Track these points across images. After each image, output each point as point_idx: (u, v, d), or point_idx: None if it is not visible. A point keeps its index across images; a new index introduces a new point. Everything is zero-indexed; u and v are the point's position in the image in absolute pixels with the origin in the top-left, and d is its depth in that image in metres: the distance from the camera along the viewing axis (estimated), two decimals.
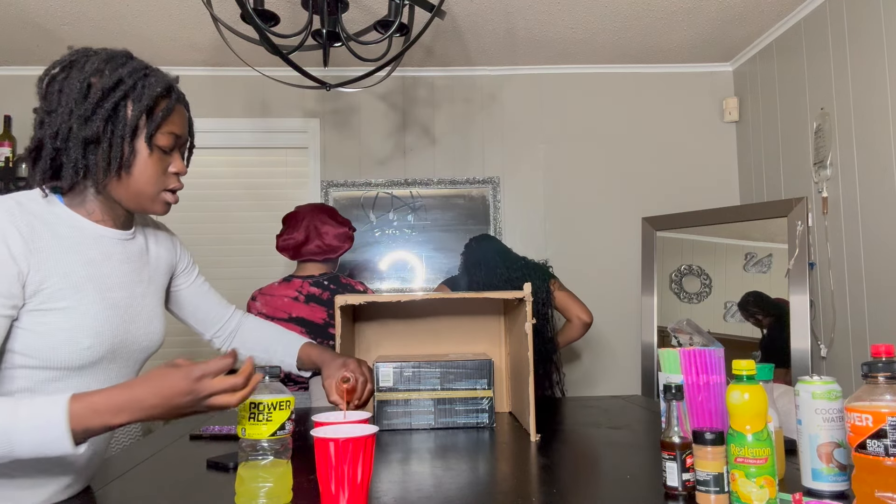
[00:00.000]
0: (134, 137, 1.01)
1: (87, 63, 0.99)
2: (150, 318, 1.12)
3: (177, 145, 1.07)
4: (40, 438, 0.83)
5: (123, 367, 1.08)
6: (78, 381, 1.00)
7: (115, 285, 1.05)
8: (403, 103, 3.38)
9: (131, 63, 1.02)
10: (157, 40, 2.94)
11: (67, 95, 0.97)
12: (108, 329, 1.01)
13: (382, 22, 1.95)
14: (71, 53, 1.02)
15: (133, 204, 1.05)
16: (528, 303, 1.48)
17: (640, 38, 3.03)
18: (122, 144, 0.99)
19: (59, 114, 0.97)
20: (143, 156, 1.02)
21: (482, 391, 1.59)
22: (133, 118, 1.00)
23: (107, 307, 1.01)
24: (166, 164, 1.06)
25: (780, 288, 2.74)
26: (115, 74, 0.99)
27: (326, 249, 2.24)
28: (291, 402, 0.97)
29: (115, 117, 0.99)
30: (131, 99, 1.00)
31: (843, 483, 0.96)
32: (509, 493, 1.04)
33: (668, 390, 0.99)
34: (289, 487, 0.97)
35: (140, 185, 1.03)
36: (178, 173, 1.08)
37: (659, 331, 3.11)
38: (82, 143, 0.98)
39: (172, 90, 1.05)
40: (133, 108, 1.00)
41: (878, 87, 2.31)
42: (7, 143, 3.13)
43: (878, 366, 0.85)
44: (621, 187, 3.37)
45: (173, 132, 1.05)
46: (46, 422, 0.83)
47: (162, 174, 1.05)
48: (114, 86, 0.99)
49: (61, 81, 0.99)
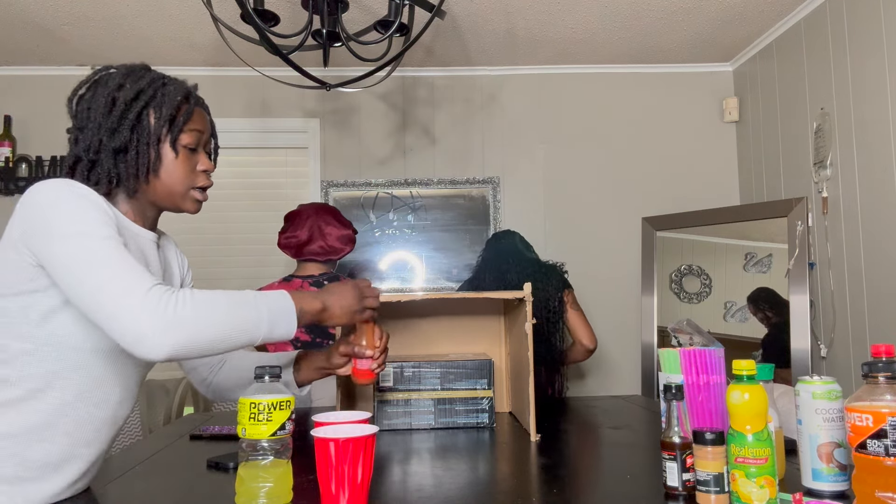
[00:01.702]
0: (159, 142, 1.07)
1: (110, 79, 1.08)
2: None
3: (201, 143, 1.13)
4: (280, 307, 1.02)
5: (133, 365, 1.08)
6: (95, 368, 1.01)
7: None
8: (403, 103, 3.38)
9: (149, 75, 1.10)
10: (157, 40, 2.94)
11: (95, 111, 1.05)
12: None
13: (382, 22, 1.95)
14: (94, 73, 1.10)
15: (168, 203, 1.12)
16: (528, 303, 1.47)
17: (640, 38, 3.03)
18: (148, 150, 1.06)
19: (90, 129, 1.05)
20: (169, 158, 1.09)
21: (482, 391, 1.59)
22: (155, 124, 1.07)
23: None
24: (194, 164, 1.12)
25: (780, 288, 2.74)
26: (135, 86, 1.07)
27: (329, 251, 2.24)
28: (291, 402, 0.97)
29: (139, 126, 1.06)
30: (152, 107, 1.07)
31: (843, 483, 0.96)
32: (509, 493, 1.04)
33: (668, 390, 0.99)
34: (289, 487, 0.97)
35: (170, 185, 1.10)
36: (207, 170, 1.14)
37: (659, 331, 3.11)
38: (112, 153, 1.05)
39: (190, 95, 1.12)
40: (155, 115, 1.07)
41: (878, 87, 2.31)
42: (7, 143, 3.13)
43: (879, 366, 0.85)
44: (621, 187, 3.37)
45: (195, 129, 1.11)
46: (280, 296, 1.03)
47: (190, 173, 1.11)
48: (135, 97, 1.06)
49: (88, 100, 1.07)
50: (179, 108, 1.09)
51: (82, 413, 1.01)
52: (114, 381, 1.05)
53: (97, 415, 1.03)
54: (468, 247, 3.31)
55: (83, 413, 1.01)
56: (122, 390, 1.07)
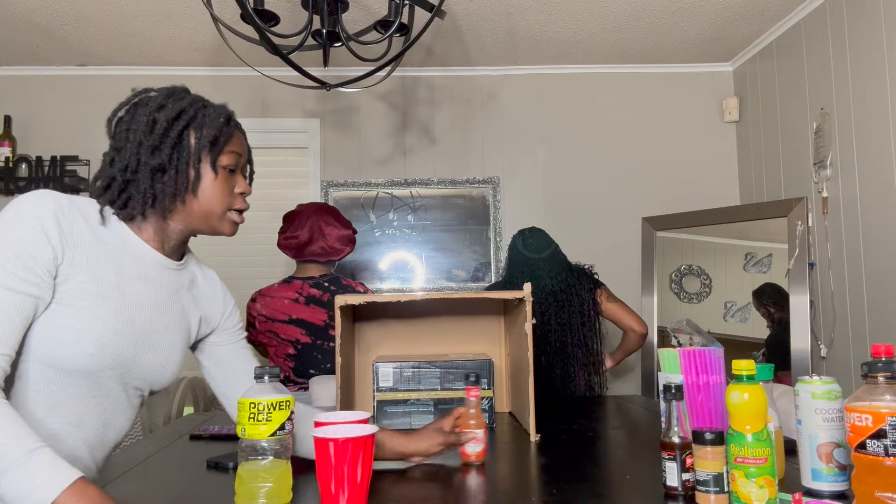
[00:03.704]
0: (199, 162, 1.07)
1: (150, 101, 1.07)
2: (168, 353, 1.10)
3: (239, 165, 1.12)
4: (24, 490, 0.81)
5: (123, 390, 1.06)
6: (76, 388, 0.99)
7: (140, 305, 1.05)
8: (403, 103, 3.38)
9: (190, 96, 1.10)
10: (157, 40, 2.94)
11: (135, 132, 1.04)
12: (116, 344, 1.00)
13: (382, 22, 1.95)
14: (133, 95, 1.09)
15: (204, 225, 1.10)
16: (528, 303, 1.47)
17: (640, 38, 3.03)
18: (188, 169, 1.06)
19: (128, 149, 1.04)
20: (208, 178, 1.08)
21: (482, 391, 1.59)
22: (196, 144, 1.06)
23: (123, 321, 1.01)
24: (231, 185, 1.11)
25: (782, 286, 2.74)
26: (176, 106, 1.06)
27: (329, 251, 2.24)
28: (291, 403, 0.97)
29: (179, 145, 1.05)
30: (193, 127, 1.07)
31: (842, 483, 0.96)
32: (509, 494, 1.04)
33: (667, 390, 0.99)
34: (289, 487, 0.97)
35: (208, 205, 1.08)
36: (244, 193, 1.13)
37: (659, 331, 3.11)
38: (150, 172, 1.04)
39: (231, 118, 1.12)
40: (195, 136, 1.07)
41: (878, 87, 2.31)
42: (7, 143, 3.13)
43: (878, 366, 0.85)
44: (621, 187, 3.37)
45: (235, 151, 1.11)
46: (45, 481, 0.82)
47: (228, 194, 1.10)
48: (177, 116, 1.06)
49: (127, 121, 1.06)
50: (220, 129, 1.08)
51: (58, 430, 0.98)
52: (92, 402, 1.01)
53: (75, 434, 1.00)
54: (468, 247, 3.31)
55: (59, 430, 0.98)
56: (106, 413, 1.04)
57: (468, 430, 1.22)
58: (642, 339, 2.46)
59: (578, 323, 2.34)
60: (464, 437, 1.22)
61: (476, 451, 1.22)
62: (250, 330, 2.25)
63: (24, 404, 0.96)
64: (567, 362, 2.31)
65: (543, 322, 2.31)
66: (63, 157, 3.17)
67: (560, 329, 2.31)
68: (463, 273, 3.29)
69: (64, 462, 0.84)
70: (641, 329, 2.43)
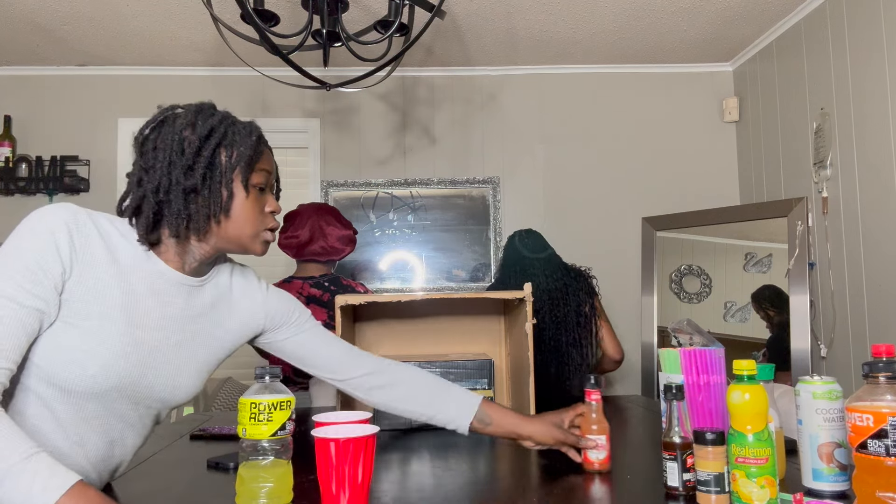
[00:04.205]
0: (231, 182, 1.04)
1: (178, 118, 1.04)
2: (179, 372, 1.08)
3: (269, 184, 1.10)
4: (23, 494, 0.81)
5: (133, 409, 1.05)
6: (80, 407, 0.98)
7: (148, 325, 1.02)
8: (403, 103, 3.38)
9: (219, 113, 1.07)
10: (157, 40, 2.94)
11: (164, 151, 1.01)
12: (120, 365, 0.98)
13: (382, 22, 1.95)
14: (159, 112, 1.06)
15: (235, 246, 1.07)
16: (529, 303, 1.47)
17: (640, 38, 3.03)
18: (221, 189, 1.03)
19: (158, 169, 1.00)
20: (240, 198, 1.05)
21: (482, 391, 1.59)
22: (227, 163, 1.04)
23: (129, 343, 0.99)
24: (263, 204, 1.09)
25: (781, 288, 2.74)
26: (206, 124, 1.03)
27: (330, 251, 2.24)
28: (292, 403, 0.97)
29: (212, 165, 1.03)
30: (224, 146, 1.04)
31: (843, 483, 0.96)
32: (509, 493, 1.04)
33: (668, 390, 0.99)
34: (289, 487, 0.97)
35: (240, 226, 1.05)
36: (275, 212, 1.11)
37: (659, 331, 3.11)
38: (184, 193, 1.01)
39: (261, 135, 1.09)
40: (226, 154, 1.04)
41: (878, 87, 2.31)
42: (7, 143, 3.13)
43: (879, 366, 0.85)
44: (621, 187, 3.37)
45: (265, 169, 1.08)
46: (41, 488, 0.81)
47: (260, 213, 1.08)
48: (208, 135, 1.03)
49: (154, 140, 1.03)
50: (252, 147, 1.06)
51: (60, 447, 0.97)
52: (96, 423, 1.00)
53: (78, 452, 0.99)
54: (468, 247, 3.31)
55: (62, 447, 0.97)
56: (112, 432, 1.03)
57: (590, 437, 1.16)
58: (616, 366, 2.43)
59: (574, 323, 2.32)
60: (583, 442, 1.17)
61: (600, 458, 1.16)
62: None
63: (25, 420, 0.94)
64: (561, 362, 2.30)
65: (538, 320, 2.30)
66: (63, 157, 3.17)
67: (555, 328, 2.29)
68: (463, 273, 3.29)
69: (62, 466, 0.83)
70: (617, 356, 2.39)
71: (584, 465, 1.17)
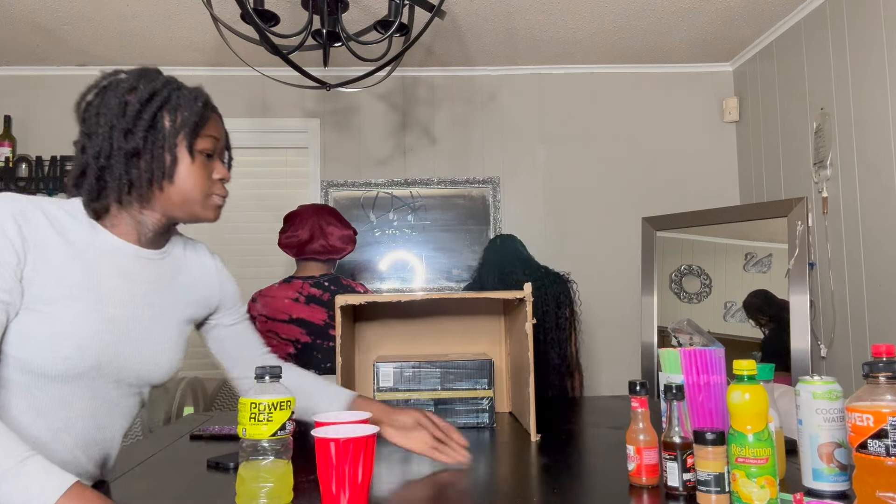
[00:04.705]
0: (175, 146, 1.03)
1: (120, 83, 1.03)
2: (154, 346, 1.07)
3: (217, 150, 1.09)
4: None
5: (114, 388, 1.04)
6: (60, 392, 0.97)
7: (117, 301, 1.01)
8: (403, 103, 3.38)
9: (163, 77, 1.05)
10: (157, 40, 2.94)
11: (105, 116, 1.00)
12: (95, 344, 0.98)
13: (382, 22, 1.95)
14: (102, 77, 1.04)
15: (183, 213, 1.06)
16: (529, 303, 1.47)
17: (640, 38, 3.03)
18: (164, 154, 1.02)
19: (100, 134, 1.00)
20: (185, 163, 1.04)
21: (482, 391, 1.59)
22: (171, 127, 1.02)
23: (100, 321, 0.98)
24: (210, 171, 1.08)
25: (780, 288, 2.74)
26: (149, 87, 1.02)
27: (330, 250, 2.24)
28: (292, 403, 0.97)
29: (153, 128, 1.01)
30: (167, 109, 1.03)
31: (843, 483, 0.96)
32: (509, 493, 1.04)
33: (668, 390, 0.99)
34: (289, 487, 0.97)
35: (185, 192, 1.04)
36: (223, 179, 1.10)
37: (659, 331, 3.11)
38: (125, 158, 1.00)
39: (207, 100, 1.08)
40: (170, 118, 1.03)
41: (878, 87, 2.31)
42: (7, 144, 3.13)
43: (879, 366, 0.85)
44: (621, 187, 3.37)
45: (212, 135, 1.07)
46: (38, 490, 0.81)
47: (207, 180, 1.07)
48: (149, 98, 1.01)
49: (97, 105, 1.02)
50: (197, 112, 1.04)
51: (44, 434, 0.97)
52: (79, 405, 1.00)
53: (64, 438, 0.99)
54: (468, 247, 3.31)
55: (46, 435, 0.97)
56: (97, 415, 1.03)
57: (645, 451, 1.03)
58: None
59: (553, 324, 2.31)
60: (443, 454, 1.18)
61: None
62: None
63: (7, 410, 0.94)
64: (540, 362, 2.29)
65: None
66: (63, 157, 3.17)
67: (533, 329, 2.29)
68: (463, 273, 3.29)
69: (57, 468, 0.83)
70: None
71: (630, 479, 1.06)
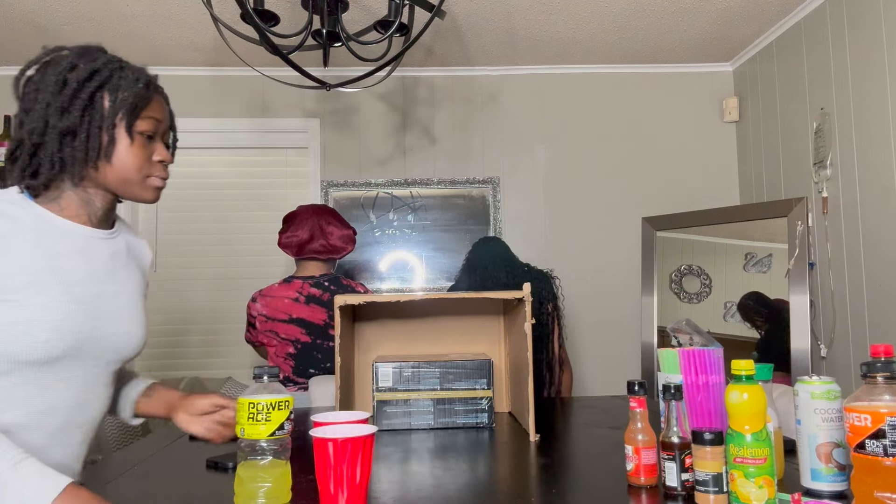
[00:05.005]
0: (113, 127, 1.02)
1: (62, 59, 1.01)
2: (125, 319, 1.09)
3: (158, 132, 1.08)
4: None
5: (93, 367, 1.05)
6: (41, 376, 0.98)
7: (82, 280, 1.02)
8: (403, 103, 3.38)
9: (105, 56, 1.04)
10: (157, 40, 2.94)
11: (43, 92, 0.99)
12: (70, 324, 0.98)
13: (382, 22, 1.95)
14: (44, 53, 1.03)
15: (121, 192, 1.06)
16: (528, 303, 1.47)
17: (640, 38, 3.03)
18: (101, 134, 1.01)
19: (37, 111, 0.99)
20: (123, 144, 1.03)
21: (482, 391, 1.59)
22: (110, 107, 1.01)
23: (70, 301, 0.99)
24: (150, 152, 1.07)
25: (780, 288, 2.74)
26: (89, 66, 1.01)
27: (331, 249, 2.24)
28: (290, 403, 0.97)
29: (91, 107, 1.00)
30: (107, 89, 1.02)
31: (842, 483, 0.96)
32: (509, 493, 1.04)
33: (667, 390, 0.99)
34: (288, 487, 0.97)
35: (123, 172, 1.04)
36: (163, 161, 1.08)
37: (659, 331, 3.11)
38: (59, 136, 0.99)
39: (151, 82, 1.07)
40: (109, 98, 1.02)
41: (878, 87, 2.31)
42: (7, 144, 3.13)
43: (877, 366, 0.85)
44: (621, 187, 3.37)
45: (153, 117, 1.06)
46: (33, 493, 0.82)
47: (146, 162, 1.06)
48: (89, 77, 1.00)
49: (37, 81, 1.01)
50: (137, 92, 1.03)
51: (26, 420, 0.97)
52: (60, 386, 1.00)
53: (46, 421, 0.99)
54: (468, 247, 3.31)
55: (27, 421, 0.97)
56: (79, 395, 1.03)
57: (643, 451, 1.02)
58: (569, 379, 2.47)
59: (535, 320, 2.33)
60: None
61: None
62: (250, 330, 2.25)
63: None
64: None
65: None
66: None
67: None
68: None
69: (51, 470, 0.83)
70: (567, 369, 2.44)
71: (629, 479, 1.06)
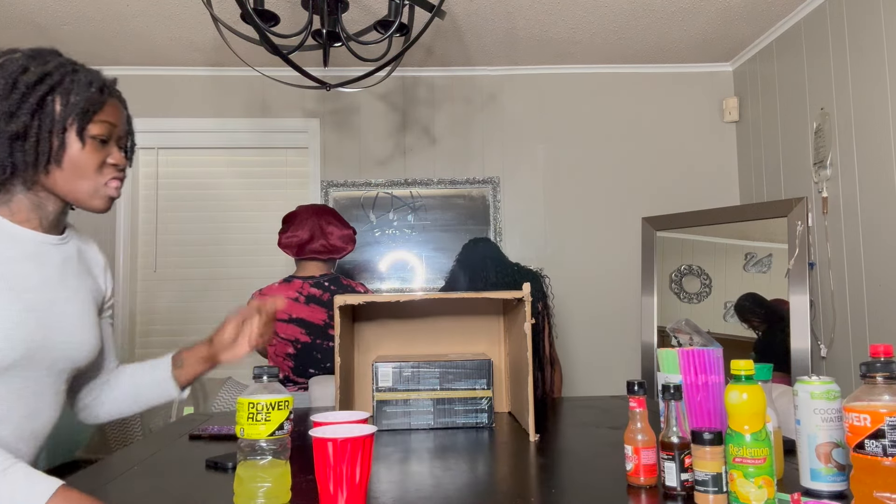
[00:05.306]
0: (64, 131, 1.00)
1: (13, 62, 1.00)
2: (76, 327, 1.07)
3: (113, 136, 1.06)
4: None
5: (45, 375, 1.03)
6: None
7: (32, 287, 1.01)
8: (403, 103, 3.38)
9: (58, 59, 1.03)
10: (157, 40, 2.94)
11: None
12: (21, 332, 0.97)
13: (382, 22, 1.95)
14: None
15: (73, 198, 1.04)
16: (527, 303, 1.47)
17: (640, 38, 3.03)
18: (51, 138, 0.99)
19: None
20: (74, 149, 1.01)
21: (481, 391, 1.59)
22: (61, 111, 1.00)
23: (21, 309, 0.97)
24: (103, 156, 1.05)
25: (780, 288, 2.74)
26: (40, 69, 0.99)
27: (331, 249, 2.24)
28: (290, 402, 0.97)
29: (41, 111, 0.99)
30: (59, 93, 1.00)
31: (841, 483, 0.96)
32: (508, 493, 1.04)
33: (666, 390, 0.99)
34: (287, 487, 0.97)
35: (72, 178, 1.02)
36: (117, 165, 1.06)
37: (659, 331, 3.11)
38: (8, 140, 0.98)
39: (105, 85, 1.05)
40: (61, 102, 1.00)
41: (878, 87, 2.31)
42: None
43: (877, 366, 0.85)
44: (621, 187, 3.37)
45: (107, 121, 1.04)
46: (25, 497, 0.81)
47: (97, 166, 1.04)
48: (39, 80, 0.99)
49: None
50: (89, 97, 1.01)
51: None
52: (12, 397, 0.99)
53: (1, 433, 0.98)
54: None
55: None
56: (30, 405, 1.02)
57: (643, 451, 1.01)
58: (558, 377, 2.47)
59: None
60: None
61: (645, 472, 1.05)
62: None
63: None
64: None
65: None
66: None
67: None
68: None
69: (40, 473, 0.83)
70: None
71: (628, 479, 1.06)
